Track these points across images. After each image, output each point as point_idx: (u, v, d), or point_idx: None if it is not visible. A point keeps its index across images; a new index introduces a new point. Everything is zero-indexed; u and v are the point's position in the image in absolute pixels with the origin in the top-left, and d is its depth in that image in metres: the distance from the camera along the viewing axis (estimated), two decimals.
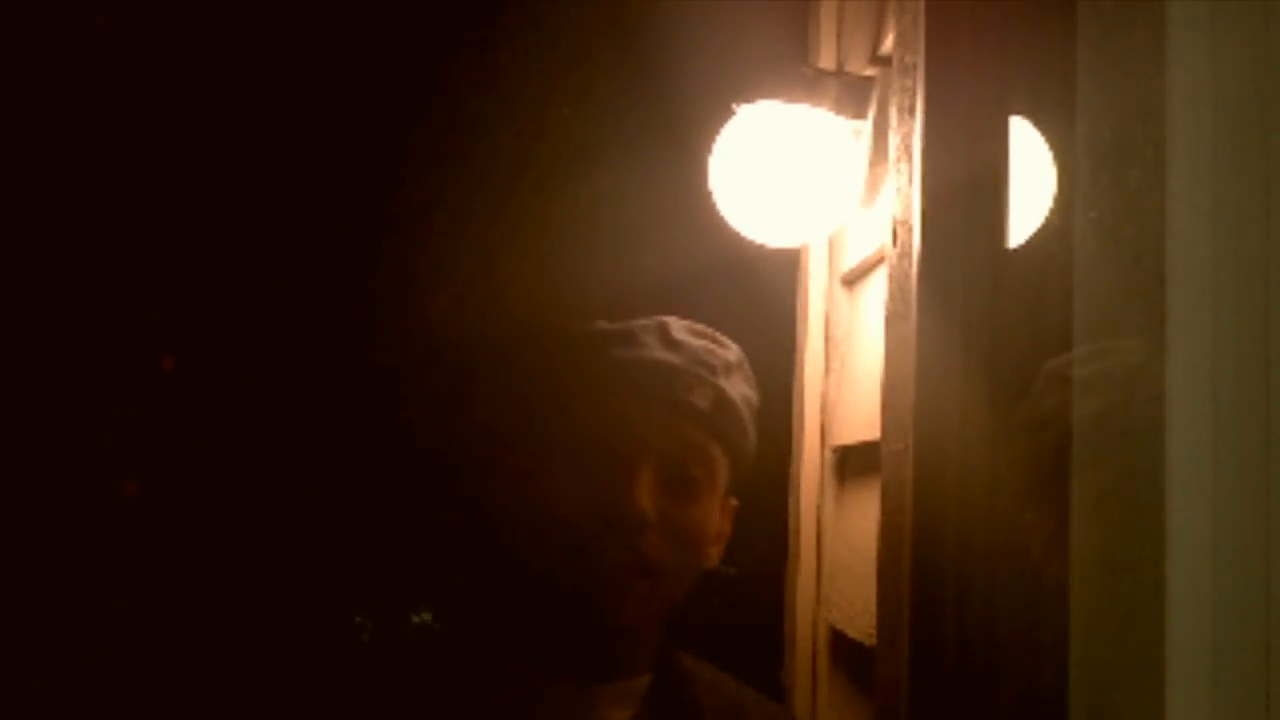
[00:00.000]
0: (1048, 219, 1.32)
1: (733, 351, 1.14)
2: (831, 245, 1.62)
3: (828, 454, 1.60)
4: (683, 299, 1.75)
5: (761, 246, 1.55)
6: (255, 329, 3.58)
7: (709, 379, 1.09)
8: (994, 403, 1.14)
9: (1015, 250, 1.21)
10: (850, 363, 1.57)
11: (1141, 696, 0.97)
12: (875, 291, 1.51)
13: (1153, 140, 0.83)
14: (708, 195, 1.48)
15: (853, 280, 1.59)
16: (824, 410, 1.61)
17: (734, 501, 1.16)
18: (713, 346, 1.13)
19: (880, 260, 1.49)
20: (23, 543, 3.80)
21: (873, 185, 1.42)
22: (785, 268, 1.73)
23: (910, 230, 1.20)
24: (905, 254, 1.21)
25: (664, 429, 1.07)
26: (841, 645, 1.56)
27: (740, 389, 1.13)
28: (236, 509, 3.99)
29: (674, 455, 1.07)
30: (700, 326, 1.16)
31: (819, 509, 1.59)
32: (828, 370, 1.61)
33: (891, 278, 1.24)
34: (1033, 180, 1.33)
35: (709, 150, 1.44)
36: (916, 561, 1.13)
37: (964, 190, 1.18)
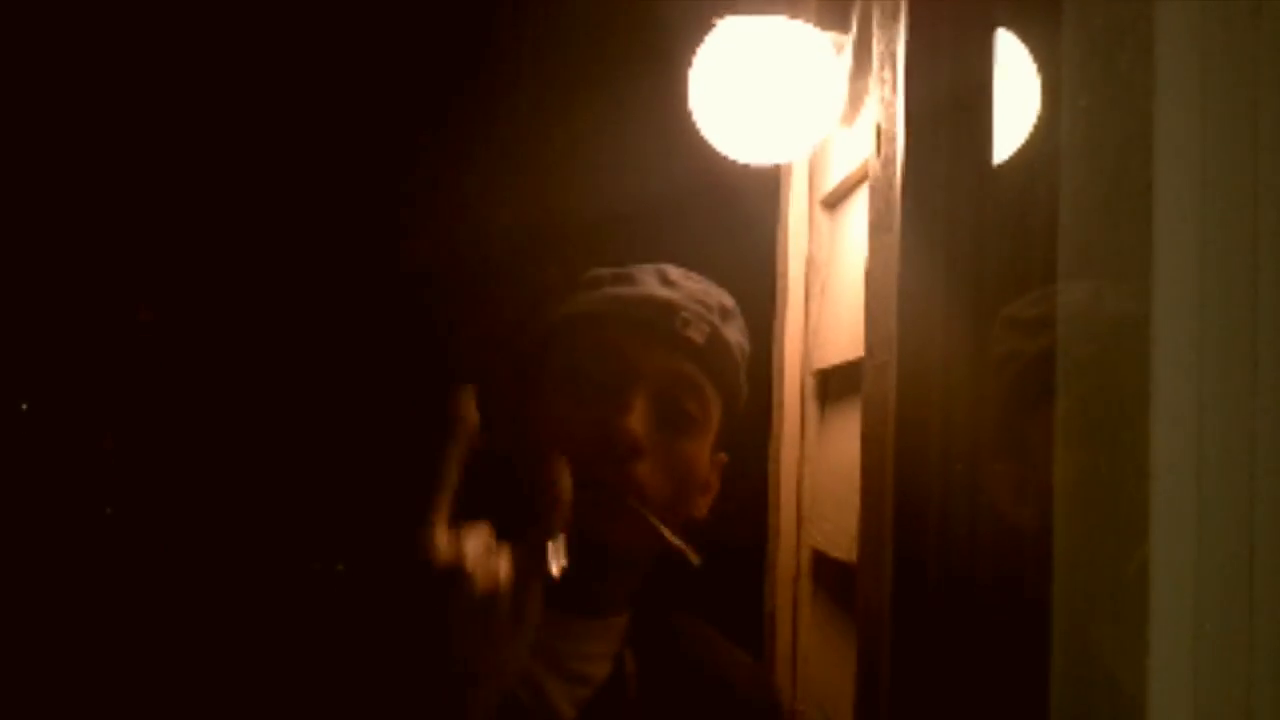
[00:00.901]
0: (1032, 135, 1.31)
1: (728, 299, 1.17)
2: (812, 167, 1.60)
3: (809, 379, 1.59)
4: (660, 225, 1.73)
5: (739, 170, 1.53)
6: (237, 276, 3.54)
7: (706, 316, 1.12)
8: (978, 314, 1.13)
9: (1001, 164, 1.20)
10: (831, 286, 1.56)
11: (1125, 615, 0.97)
12: (857, 211, 1.49)
13: (1141, 41, 0.82)
14: (687, 115, 1.46)
15: (834, 202, 1.57)
16: (806, 335, 1.59)
17: (724, 456, 1.16)
18: (709, 289, 1.16)
19: (862, 179, 1.47)
20: None
21: (855, 101, 1.40)
22: (763, 193, 1.71)
23: (894, 140, 1.18)
24: (889, 163, 1.19)
25: (660, 361, 1.08)
26: (823, 567, 1.55)
27: (735, 334, 1.16)
28: (220, 461, 3.97)
29: (669, 388, 1.08)
30: (696, 274, 1.18)
31: (801, 433, 1.58)
32: (808, 295, 1.60)
33: (874, 188, 1.22)
34: (1017, 95, 1.31)
35: (688, 66, 1.41)
36: (900, 475, 1.13)
37: (949, 99, 1.16)
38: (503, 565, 0.88)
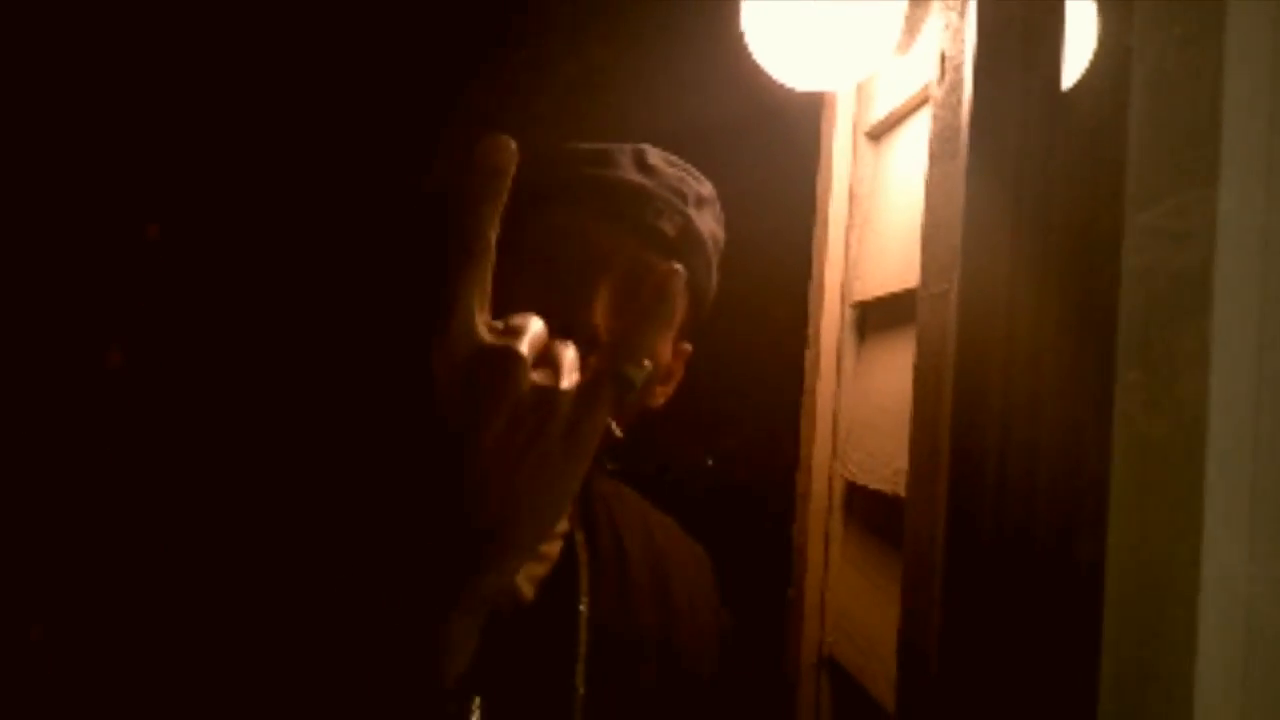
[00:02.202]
0: (1100, 57, 1.29)
1: (706, 186, 1.12)
2: (857, 97, 1.58)
3: (848, 310, 1.58)
4: (696, 151, 1.70)
5: (779, 98, 1.51)
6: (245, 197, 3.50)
7: (679, 207, 1.07)
8: (1046, 245, 1.12)
9: (1068, 88, 1.18)
10: (874, 218, 1.54)
11: (1179, 570, 0.97)
12: (905, 143, 1.47)
13: None
14: (730, 39, 1.43)
15: (879, 134, 1.55)
16: (845, 266, 1.58)
17: (688, 346, 1.14)
18: (686, 177, 1.10)
19: (912, 110, 1.45)
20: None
21: (911, 29, 1.38)
22: (802, 122, 1.69)
23: (960, 67, 1.17)
24: (954, 90, 1.17)
25: (629, 251, 1.04)
26: (856, 499, 1.55)
27: (709, 224, 1.11)
28: (225, 382, 3.96)
29: (634, 278, 1.03)
30: (676, 158, 1.13)
31: (838, 365, 1.57)
32: (849, 226, 1.58)
33: (936, 117, 1.21)
34: (1081, 16, 1.29)
35: None
36: (958, 406, 1.12)
37: (1020, 25, 1.14)
38: (566, 365, 0.71)
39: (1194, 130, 1.04)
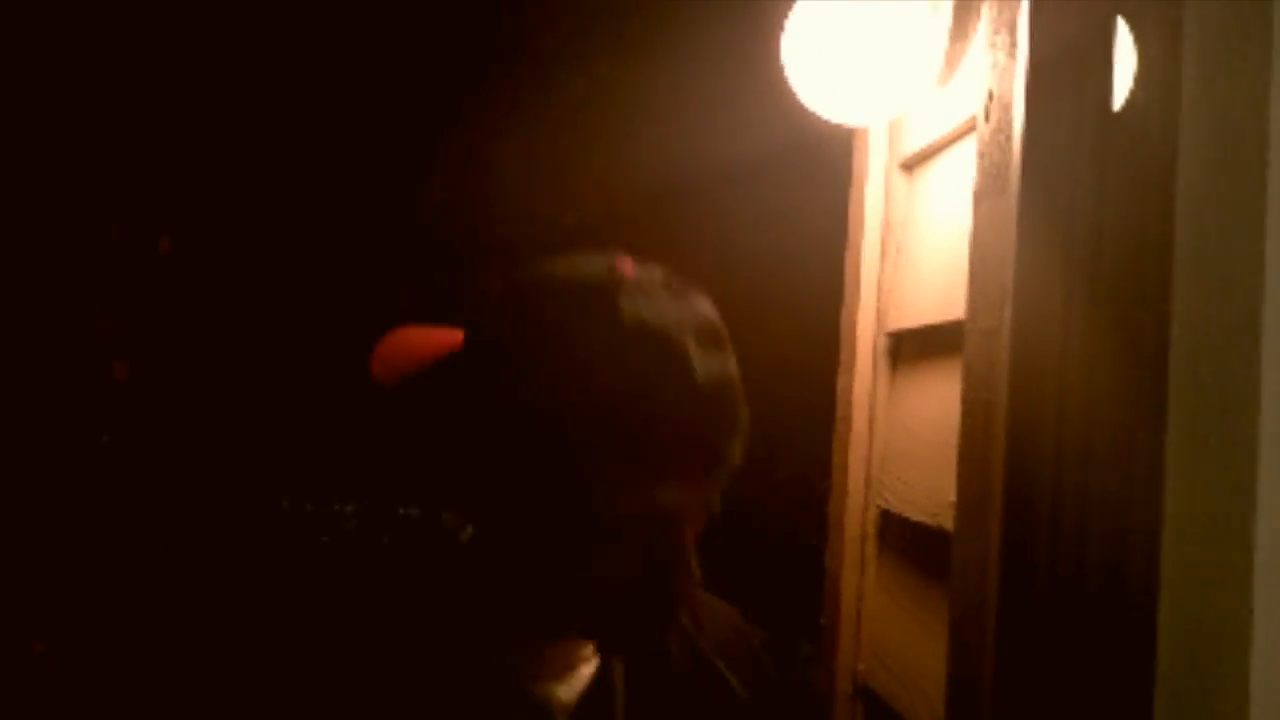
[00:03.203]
0: (1144, 84, 1.28)
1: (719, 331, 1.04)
2: (891, 129, 1.59)
3: (881, 339, 1.59)
4: (733, 184, 1.72)
5: (811, 130, 1.52)
6: (257, 212, 3.51)
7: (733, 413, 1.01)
8: (1097, 280, 1.13)
9: (1116, 118, 1.19)
10: (908, 248, 1.56)
11: (1230, 602, 0.98)
12: (941, 175, 1.48)
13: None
14: (768, 73, 1.44)
15: (913, 165, 1.56)
16: (879, 296, 1.59)
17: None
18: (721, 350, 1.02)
19: (949, 142, 1.47)
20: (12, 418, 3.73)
21: (950, 63, 1.39)
22: (836, 154, 1.70)
23: (1008, 106, 1.18)
24: (1001, 129, 1.19)
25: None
26: (891, 528, 1.56)
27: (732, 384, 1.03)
28: (230, 393, 3.95)
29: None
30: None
31: (873, 394, 1.58)
32: (883, 255, 1.59)
33: (983, 154, 1.22)
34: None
35: (780, 22, 1.40)
36: (1013, 441, 1.13)
37: (1071, 59, 1.15)
38: None
39: (1244, 163, 1.06)
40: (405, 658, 1.05)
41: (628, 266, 1.00)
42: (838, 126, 1.59)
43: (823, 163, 1.69)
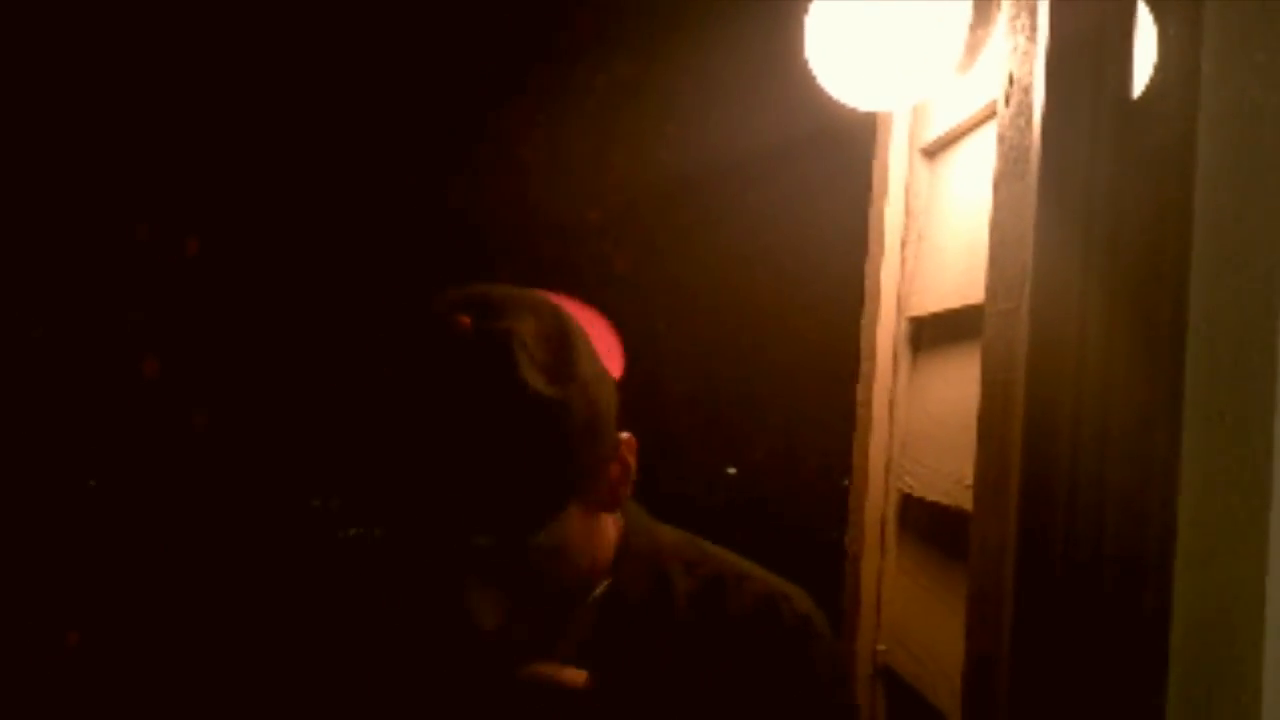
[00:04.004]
0: (1165, 72, 1.29)
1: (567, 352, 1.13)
2: (913, 114, 1.61)
3: (903, 324, 1.61)
4: (752, 171, 1.73)
5: (832, 116, 1.53)
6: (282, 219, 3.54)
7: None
8: (1115, 262, 1.14)
9: (1137, 101, 1.20)
10: (930, 234, 1.57)
11: (1245, 590, 0.99)
12: (963, 161, 1.50)
13: None
14: (787, 66, 1.46)
15: (935, 151, 1.58)
16: (900, 282, 1.61)
17: (627, 436, 1.17)
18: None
19: (970, 129, 1.48)
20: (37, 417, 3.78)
21: (971, 50, 1.40)
22: (855, 140, 1.71)
23: (1028, 89, 1.19)
24: (1021, 113, 1.20)
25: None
26: (912, 511, 1.58)
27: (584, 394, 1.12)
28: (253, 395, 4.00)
29: None
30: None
31: (894, 378, 1.59)
32: (905, 241, 1.61)
33: (1004, 137, 1.23)
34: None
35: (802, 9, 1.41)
36: (1030, 421, 1.14)
37: (1092, 43, 1.16)
38: None
39: (1263, 145, 1.07)
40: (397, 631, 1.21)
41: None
42: (859, 116, 1.61)
43: (844, 154, 1.70)
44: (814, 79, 1.42)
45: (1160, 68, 1.23)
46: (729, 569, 1.24)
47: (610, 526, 1.21)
